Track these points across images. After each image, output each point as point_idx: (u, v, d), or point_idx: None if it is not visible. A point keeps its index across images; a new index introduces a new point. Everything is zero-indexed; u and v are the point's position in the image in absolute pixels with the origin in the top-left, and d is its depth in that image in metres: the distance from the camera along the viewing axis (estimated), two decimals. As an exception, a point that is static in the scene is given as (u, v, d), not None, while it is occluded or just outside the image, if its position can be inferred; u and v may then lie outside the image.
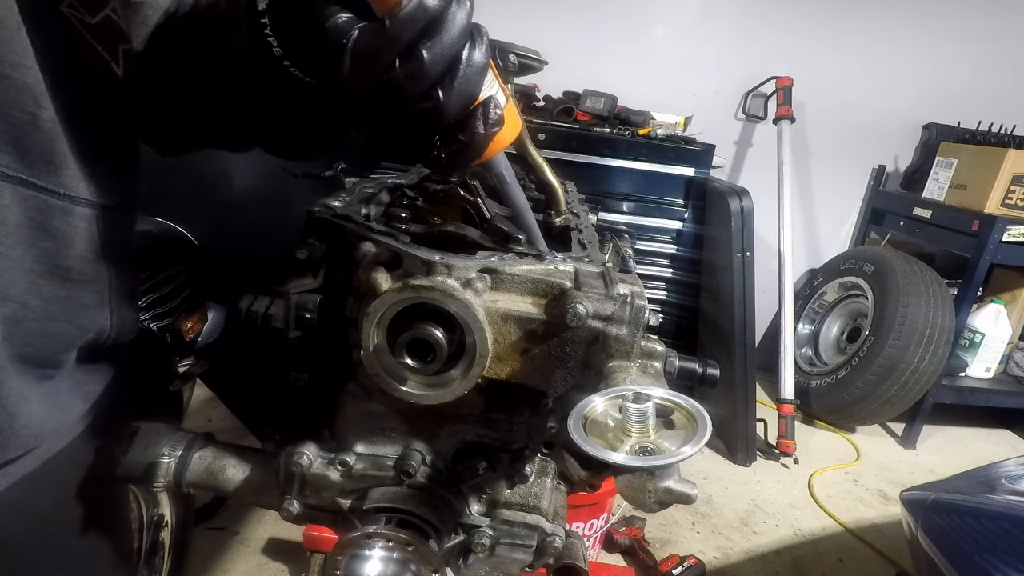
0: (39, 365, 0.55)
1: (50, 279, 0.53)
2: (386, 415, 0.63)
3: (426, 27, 0.42)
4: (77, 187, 0.53)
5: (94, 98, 0.55)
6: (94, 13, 0.53)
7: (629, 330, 0.53)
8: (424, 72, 0.43)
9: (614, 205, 2.90)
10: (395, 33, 0.42)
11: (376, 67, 0.43)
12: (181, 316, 1.34)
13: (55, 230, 0.52)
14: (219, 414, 2.48)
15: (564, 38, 3.28)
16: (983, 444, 3.38)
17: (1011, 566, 1.17)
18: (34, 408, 0.55)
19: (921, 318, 2.90)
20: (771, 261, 3.25)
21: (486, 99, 0.48)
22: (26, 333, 0.52)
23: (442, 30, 0.43)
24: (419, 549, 0.59)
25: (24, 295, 0.51)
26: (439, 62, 0.43)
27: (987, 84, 3.56)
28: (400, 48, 0.42)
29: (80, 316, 0.58)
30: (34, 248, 0.51)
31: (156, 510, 1.34)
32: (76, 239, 0.54)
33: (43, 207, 0.51)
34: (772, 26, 3.36)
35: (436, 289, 0.51)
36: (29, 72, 0.47)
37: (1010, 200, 2.93)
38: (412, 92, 0.44)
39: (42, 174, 0.50)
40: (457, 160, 0.49)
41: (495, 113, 0.47)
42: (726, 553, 2.27)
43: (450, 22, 0.43)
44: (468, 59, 0.45)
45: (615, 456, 0.40)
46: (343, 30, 0.43)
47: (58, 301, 0.55)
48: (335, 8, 0.44)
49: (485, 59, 0.46)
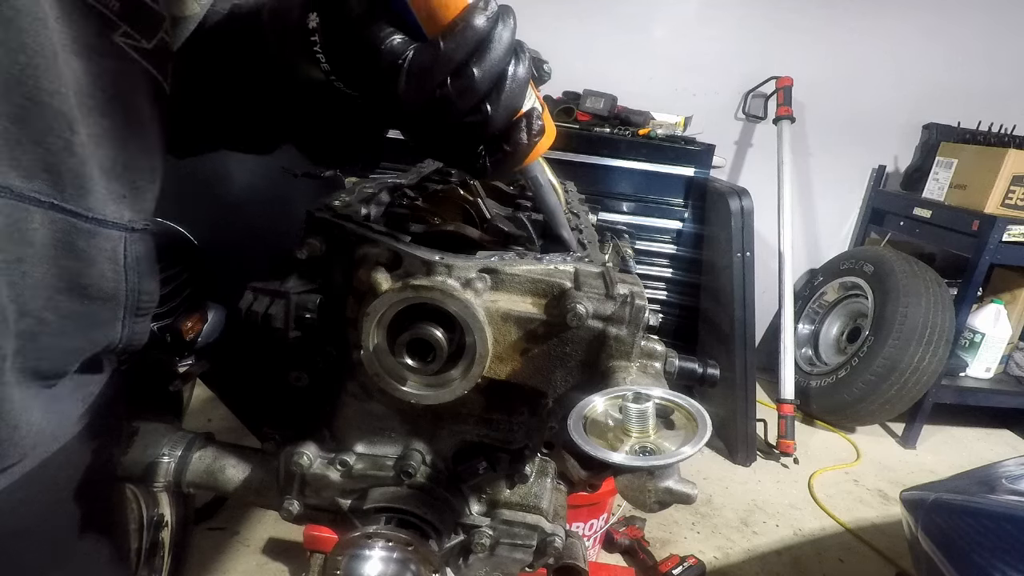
0: (45, 377, 0.55)
1: (68, 296, 0.53)
2: (386, 415, 0.63)
3: (476, 47, 0.46)
4: (104, 209, 0.54)
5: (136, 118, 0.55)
6: (151, 38, 0.54)
7: (629, 330, 0.53)
8: (475, 88, 0.46)
9: (614, 205, 2.90)
10: (449, 53, 0.45)
11: (430, 85, 0.46)
12: (181, 316, 1.34)
13: (79, 250, 0.52)
14: (219, 414, 2.48)
15: (564, 38, 3.27)
16: (983, 444, 3.38)
17: (1011, 566, 1.17)
18: (35, 417, 0.54)
19: (921, 318, 2.90)
20: (771, 261, 3.25)
21: (529, 110, 0.51)
22: (39, 347, 0.52)
23: (490, 48, 0.46)
24: (419, 549, 0.59)
25: (42, 311, 0.51)
26: (488, 78, 0.47)
27: (987, 84, 3.56)
28: (453, 67, 0.46)
29: (93, 331, 0.58)
30: (56, 267, 0.51)
31: (156, 510, 1.34)
32: (98, 259, 0.54)
33: (71, 229, 0.51)
34: (772, 26, 3.36)
35: (436, 289, 0.51)
36: (66, 99, 0.47)
37: (1010, 200, 2.93)
38: (462, 107, 0.47)
39: (72, 198, 0.50)
40: (501, 168, 0.52)
41: (538, 124, 0.51)
42: (726, 553, 2.27)
43: (497, 41, 0.46)
44: (514, 75, 0.48)
45: (615, 456, 0.40)
46: (398, 51, 0.46)
47: (74, 317, 0.54)
48: (390, 31, 0.47)
49: (528, 74, 0.49)
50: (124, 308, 0.60)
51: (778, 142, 3.20)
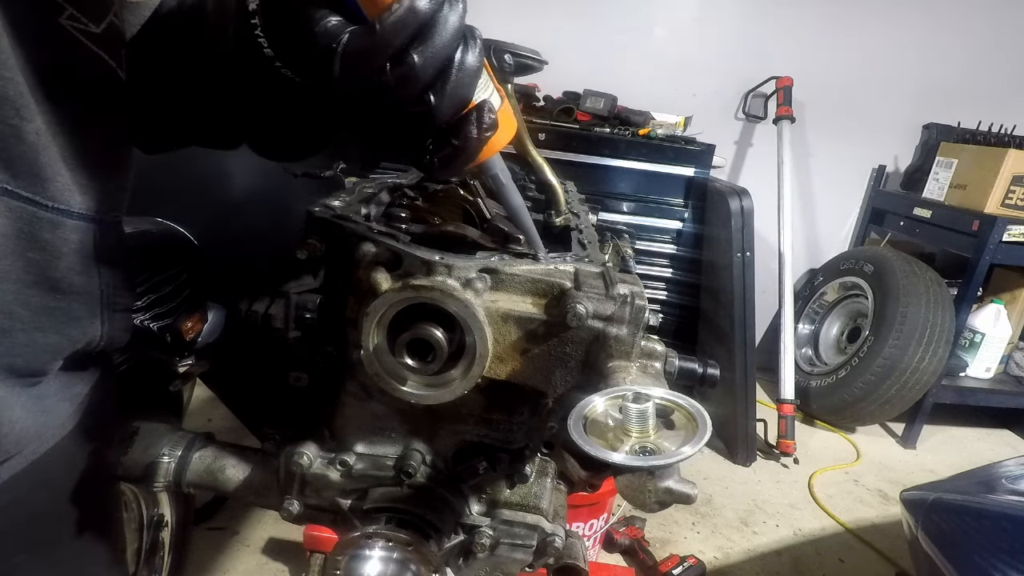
0: (25, 375, 0.55)
1: (39, 290, 0.52)
2: (386, 415, 0.63)
3: (417, 31, 0.42)
4: (68, 199, 0.52)
5: (94, 106, 0.54)
6: (99, 21, 0.52)
7: (629, 330, 0.53)
8: (415, 76, 0.43)
9: (614, 205, 2.90)
10: (385, 37, 0.41)
11: (366, 71, 0.43)
12: (181, 316, 1.34)
13: (44, 242, 0.51)
14: (219, 414, 2.48)
15: (565, 38, 3.27)
16: (983, 444, 3.38)
17: (1011, 566, 1.17)
18: (17, 415, 0.54)
19: (921, 318, 2.90)
20: (771, 261, 3.25)
21: (480, 103, 0.47)
22: (13, 343, 0.52)
23: (433, 34, 0.42)
24: (419, 549, 0.59)
25: (12, 305, 0.51)
26: (430, 66, 0.43)
27: (987, 84, 3.56)
28: (391, 52, 0.42)
29: (70, 327, 0.57)
30: (22, 259, 0.50)
31: (156, 510, 1.34)
32: (65, 251, 0.53)
33: (32, 219, 0.50)
34: (772, 26, 3.36)
35: (436, 289, 0.51)
36: (11, 84, 0.46)
37: (1010, 200, 2.93)
38: (403, 96, 0.44)
39: (29, 186, 0.49)
40: (450, 164, 0.48)
41: (489, 118, 0.47)
42: (726, 553, 2.27)
43: (441, 25, 0.42)
44: (460, 63, 0.44)
45: (615, 456, 0.40)
46: (333, 34, 0.43)
47: (47, 312, 0.54)
48: (325, 12, 0.44)
49: (478, 62, 0.45)
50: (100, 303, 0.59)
51: (778, 142, 3.20)
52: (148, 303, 1.27)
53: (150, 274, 1.30)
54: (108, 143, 0.58)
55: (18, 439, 0.55)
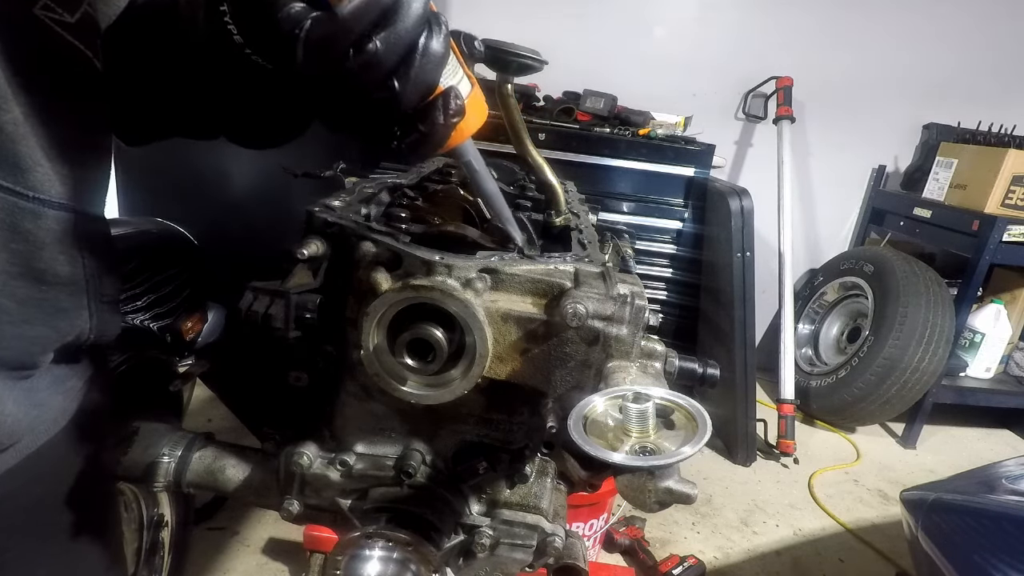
0: (14, 367, 0.55)
1: (24, 281, 0.52)
2: (386, 415, 0.63)
3: (379, 17, 0.42)
4: (49, 189, 0.52)
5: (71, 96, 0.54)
6: (73, 11, 0.52)
7: (629, 330, 0.53)
8: (379, 62, 0.43)
9: (614, 205, 2.90)
10: (346, 23, 0.41)
11: (329, 57, 0.43)
12: (181, 316, 1.34)
13: (26, 232, 0.51)
14: (219, 414, 2.48)
15: (565, 38, 3.27)
16: (983, 444, 3.38)
17: (1011, 566, 1.17)
18: (8, 407, 0.54)
19: (921, 318, 2.90)
20: (771, 261, 3.25)
21: (447, 89, 0.47)
22: (2, 336, 0.52)
23: (396, 20, 0.42)
24: (419, 549, 0.59)
25: None
26: (393, 52, 0.43)
27: (988, 84, 3.56)
28: (353, 38, 0.42)
29: (57, 319, 0.57)
30: (6, 251, 0.50)
31: (156, 510, 1.34)
32: (48, 241, 0.53)
33: (12, 209, 0.50)
34: (772, 26, 3.36)
35: (436, 289, 0.51)
36: None
37: (1010, 200, 2.93)
38: (367, 82, 0.44)
39: (9, 176, 0.49)
40: (418, 150, 0.49)
41: (456, 104, 0.47)
42: (726, 553, 2.27)
43: (404, 11, 0.42)
44: (425, 48, 0.44)
45: (615, 456, 0.41)
46: (296, 19, 0.43)
47: (34, 304, 0.54)
48: None
49: (443, 48, 0.45)
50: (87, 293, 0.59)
51: (778, 142, 3.20)
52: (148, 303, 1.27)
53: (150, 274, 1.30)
54: (87, 132, 0.58)
55: (11, 432, 0.55)
